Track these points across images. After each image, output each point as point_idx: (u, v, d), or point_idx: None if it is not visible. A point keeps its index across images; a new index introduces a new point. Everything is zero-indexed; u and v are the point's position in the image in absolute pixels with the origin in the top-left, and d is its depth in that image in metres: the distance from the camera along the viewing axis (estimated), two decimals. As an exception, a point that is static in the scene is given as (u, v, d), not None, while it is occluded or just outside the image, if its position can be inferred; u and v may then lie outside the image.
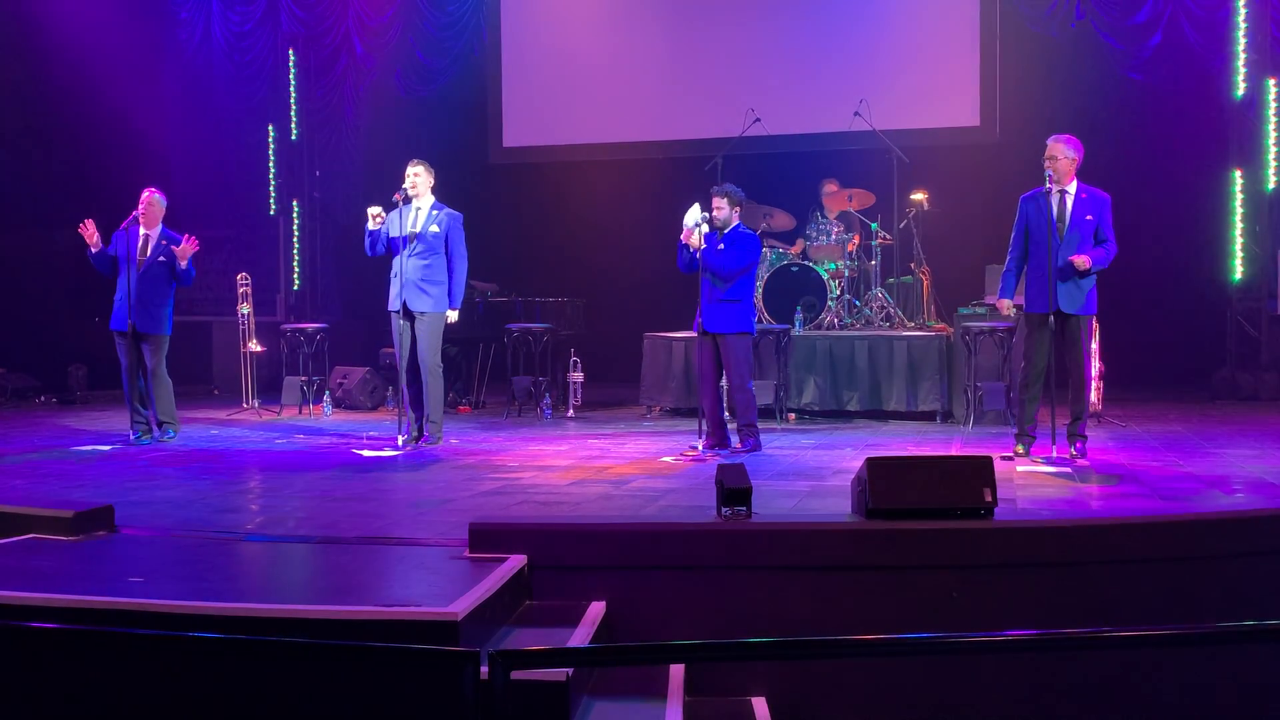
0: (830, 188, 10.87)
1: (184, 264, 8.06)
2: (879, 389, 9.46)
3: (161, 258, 8.11)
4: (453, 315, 7.86)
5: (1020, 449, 6.97)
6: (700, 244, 7.41)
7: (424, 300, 7.67)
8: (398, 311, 7.69)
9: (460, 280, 7.82)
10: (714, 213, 7.47)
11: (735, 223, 7.52)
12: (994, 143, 11.71)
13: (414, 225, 7.68)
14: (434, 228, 7.70)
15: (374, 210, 7.71)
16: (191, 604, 3.75)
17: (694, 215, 7.42)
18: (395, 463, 7.22)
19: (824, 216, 10.53)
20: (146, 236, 8.15)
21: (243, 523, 5.29)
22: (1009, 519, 4.68)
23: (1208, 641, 4.01)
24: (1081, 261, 6.68)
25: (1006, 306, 7.19)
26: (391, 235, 7.72)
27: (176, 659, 3.53)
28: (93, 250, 8.07)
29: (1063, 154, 6.80)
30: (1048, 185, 6.81)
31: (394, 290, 7.70)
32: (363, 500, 5.85)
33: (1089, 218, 6.79)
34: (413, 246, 7.65)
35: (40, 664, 3.63)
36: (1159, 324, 11.54)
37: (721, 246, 7.43)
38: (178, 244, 8.15)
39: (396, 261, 7.69)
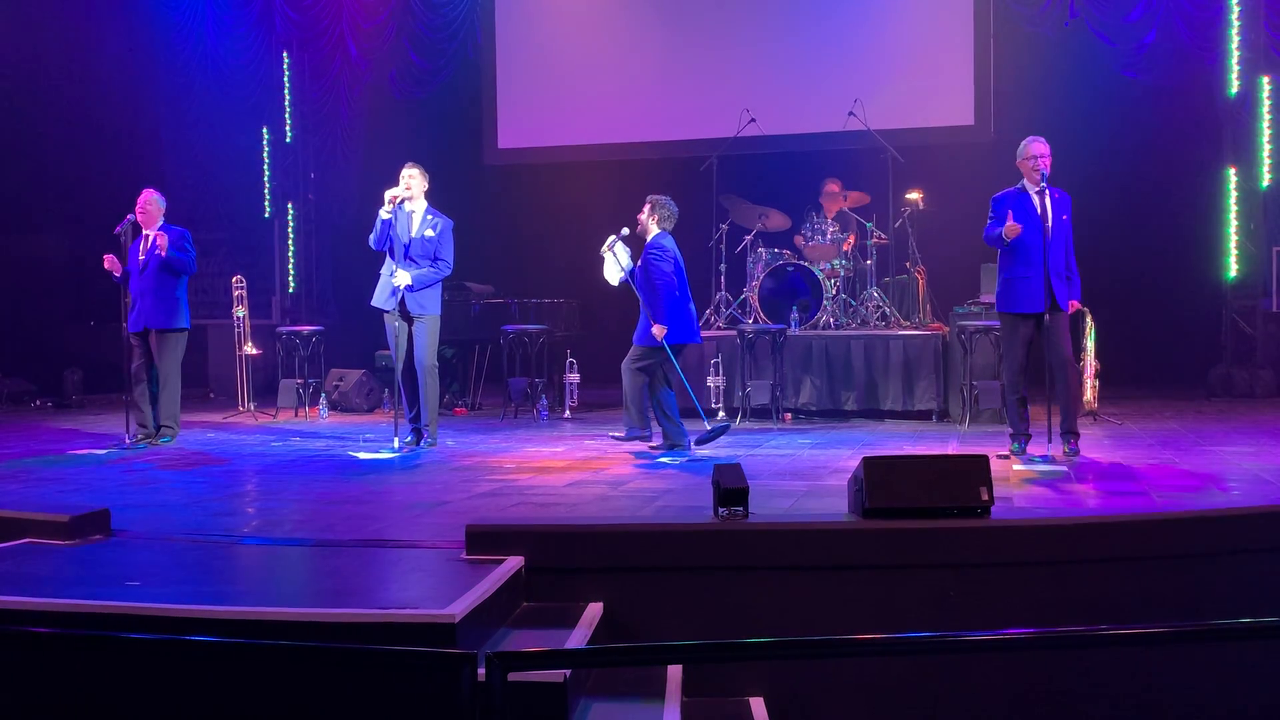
0: (831, 188, 10.85)
1: (162, 253, 8.04)
2: (875, 388, 9.47)
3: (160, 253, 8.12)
4: (403, 277, 7.61)
5: (1016, 447, 6.99)
6: (625, 263, 7.73)
7: (422, 304, 7.69)
8: (389, 312, 7.71)
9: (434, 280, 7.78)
10: (638, 215, 7.70)
11: (655, 232, 7.62)
12: (989, 141, 11.69)
13: (410, 231, 7.68)
14: (429, 232, 7.72)
15: (391, 193, 7.60)
16: (188, 607, 3.74)
17: (609, 243, 7.79)
18: (392, 465, 7.22)
19: (820, 216, 10.53)
20: (147, 236, 8.16)
21: (239, 526, 5.28)
22: (1005, 517, 4.68)
23: (1205, 639, 4.01)
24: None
25: (1013, 226, 6.70)
26: None
27: (174, 663, 3.52)
28: (116, 276, 8.12)
29: (1050, 152, 6.87)
30: (1041, 184, 6.84)
31: (384, 290, 7.70)
32: (359, 503, 5.85)
33: (1064, 217, 6.85)
34: (410, 251, 7.65)
35: (37, 669, 3.63)
36: (1154, 322, 11.56)
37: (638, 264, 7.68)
38: (177, 234, 8.17)
39: (388, 264, 7.69)
